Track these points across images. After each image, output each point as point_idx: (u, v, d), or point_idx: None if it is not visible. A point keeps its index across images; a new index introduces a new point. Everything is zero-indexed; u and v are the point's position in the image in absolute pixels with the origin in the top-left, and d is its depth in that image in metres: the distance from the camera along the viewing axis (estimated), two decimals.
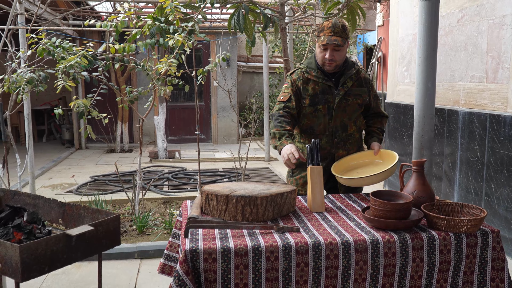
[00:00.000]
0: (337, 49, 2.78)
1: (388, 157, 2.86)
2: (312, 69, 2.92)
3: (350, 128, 2.94)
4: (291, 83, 2.94)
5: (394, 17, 6.01)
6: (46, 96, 11.19)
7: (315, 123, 2.91)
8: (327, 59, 2.81)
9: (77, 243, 1.80)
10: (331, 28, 2.76)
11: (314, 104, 2.88)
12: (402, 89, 5.79)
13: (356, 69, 2.96)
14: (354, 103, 2.91)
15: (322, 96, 2.88)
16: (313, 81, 2.90)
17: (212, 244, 1.93)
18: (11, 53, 4.71)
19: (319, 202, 2.34)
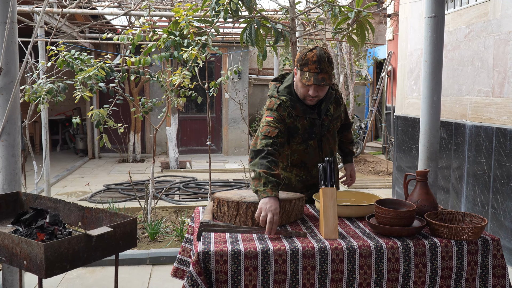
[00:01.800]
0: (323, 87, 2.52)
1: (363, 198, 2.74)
2: (296, 102, 2.62)
3: (334, 151, 2.84)
4: (280, 118, 2.57)
5: (403, 32, 6.12)
6: (60, 106, 11.42)
7: (307, 159, 2.73)
8: (311, 96, 2.53)
9: (96, 243, 1.91)
10: (317, 64, 2.43)
11: (305, 140, 2.68)
12: (410, 103, 5.87)
13: (334, 90, 2.75)
14: (336, 128, 2.79)
15: (310, 130, 2.67)
16: (300, 117, 2.63)
17: (224, 247, 2.03)
18: (31, 65, 4.89)
19: (332, 227, 2.15)
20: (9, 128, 2.82)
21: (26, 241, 1.80)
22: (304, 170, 2.77)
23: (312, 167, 2.76)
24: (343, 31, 4.74)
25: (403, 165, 6.02)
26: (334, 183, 2.27)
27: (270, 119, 2.56)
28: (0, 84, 2.81)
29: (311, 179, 2.78)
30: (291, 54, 4.63)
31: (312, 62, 2.43)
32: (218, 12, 4.15)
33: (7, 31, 2.72)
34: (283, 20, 5.14)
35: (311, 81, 2.43)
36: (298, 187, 2.79)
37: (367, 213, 2.50)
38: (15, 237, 1.84)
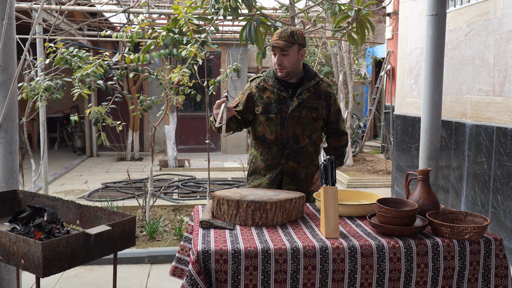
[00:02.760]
0: (284, 54, 2.78)
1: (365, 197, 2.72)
2: (270, 78, 2.92)
3: (302, 140, 2.91)
4: (248, 88, 2.98)
5: (403, 30, 6.10)
6: (58, 104, 11.39)
7: (267, 132, 2.91)
8: (276, 64, 2.83)
9: (95, 242, 1.89)
10: (278, 34, 2.80)
11: (267, 112, 2.89)
12: (410, 102, 5.86)
13: (316, 81, 2.93)
14: (308, 116, 2.88)
15: (276, 105, 2.87)
16: (269, 90, 2.90)
17: (223, 246, 2.01)
18: (29, 62, 4.86)
19: (333, 226, 2.14)
20: (6, 126, 2.79)
21: (24, 240, 1.77)
22: (266, 147, 2.93)
23: (272, 144, 2.91)
24: (343, 29, 4.72)
25: (403, 164, 6.00)
26: (335, 182, 2.25)
27: (241, 91, 3.03)
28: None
29: (272, 159, 2.93)
30: None
31: (276, 34, 2.81)
32: (217, 9, 4.13)
33: (4, 27, 2.68)
34: (282, 18, 5.11)
35: (268, 44, 2.80)
36: (261, 166, 2.98)
37: (368, 212, 2.48)
38: (12, 235, 1.81)
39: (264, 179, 2.99)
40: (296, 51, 2.81)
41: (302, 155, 2.93)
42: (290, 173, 2.95)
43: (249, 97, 2.95)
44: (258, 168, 3.00)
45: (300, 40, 2.82)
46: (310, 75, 2.94)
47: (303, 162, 2.94)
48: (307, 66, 2.99)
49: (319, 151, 3.06)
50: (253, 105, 2.94)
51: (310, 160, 2.97)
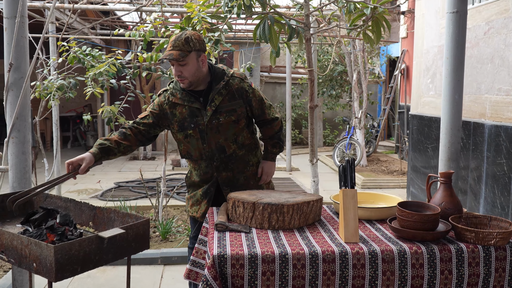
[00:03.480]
0: (182, 64, 2.52)
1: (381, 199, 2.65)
2: (177, 90, 2.68)
3: (228, 148, 2.72)
4: (158, 104, 2.72)
5: (419, 29, 5.99)
6: (71, 103, 11.43)
7: (190, 149, 2.72)
8: (175, 76, 2.59)
9: (108, 245, 1.84)
10: (172, 42, 2.52)
11: (184, 129, 2.67)
12: (426, 101, 5.75)
13: (225, 80, 2.68)
14: (228, 121, 2.67)
15: (191, 119, 2.65)
16: (179, 105, 2.67)
17: (240, 250, 1.95)
18: (41, 61, 4.84)
19: (352, 230, 2.05)
20: (19, 125, 2.76)
21: (36, 243, 1.73)
22: (195, 164, 2.78)
23: (198, 160, 2.74)
24: (358, 28, 4.64)
25: (419, 165, 5.90)
26: (354, 184, 2.18)
27: (151, 105, 2.78)
28: (10, 79, 2.75)
29: (204, 174, 2.77)
30: (306, 51, 4.53)
31: (170, 42, 2.54)
32: (231, 7, 4.07)
33: (17, 25, 2.65)
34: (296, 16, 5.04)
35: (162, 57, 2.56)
36: (196, 181, 2.83)
37: (387, 215, 2.41)
38: (24, 238, 1.77)
39: (198, 190, 2.85)
40: (194, 58, 2.55)
41: (233, 162, 2.76)
42: (227, 183, 2.79)
43: (162, 114, 2.72)
44: (194, 182, 2.85)
45: (198, 46, 2.57)
46: (217, 76, 2.69)
47: (237, 168, 2.78)
48: (212, 68, 2.73)
49: (253, 147, 2.86)
50: (168, 123, 2.73)
51: (244, 163, 2.81)
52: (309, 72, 4.88)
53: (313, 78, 4.87)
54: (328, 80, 9.82)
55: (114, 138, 2.61)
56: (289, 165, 8.58)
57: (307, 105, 12.09)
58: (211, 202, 2.82)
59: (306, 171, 8.59)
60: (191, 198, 2.88)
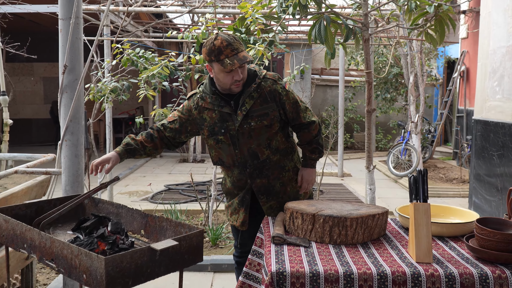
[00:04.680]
0: (243, 65, 2.39)
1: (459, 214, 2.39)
2: (207, 94, 2.53)
3: (261, 154, 2.55)
4: (187, 109, 2.60)
5: (484, 28, 5.62)
6: (124, 105, 11.63)
7: (222, 155, 2.59)
8: (237, 81, 2.41)
9: (160, 258, 1.73)
10: (231, 46, 2.33)
11: (214, 134, 2.54)
12: (492, 106, 5.37)
13: (257, 83, 2.51)
14: (260, 126, 2.50)
15: (221, 124, 2.51)
16: (209, 109, 2.53)
17: (300, 267, 1.79)
18: (96, 63, 4.88)
19: (425, 249, 1.86)
20: (72, 128, 2.72)
21: (86, 254, 1.64)
22: (228, 170, 2.67)
23: (231, 166, 2.61)
24: (420, 27, 4.37)
25: (482, 173, 5.52)
26: (427, 197, 1.97)
27: (180, 107, 2.68)
28: (65, 82, 2.71)
29: (238, 181, 2.65)
30: (364, 52, 4.32)
31: (225, 47, 2.34)
32: (286, 7, 3.93)
33: (72, 26, 2.61)
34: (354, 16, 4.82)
35: (236, 64, 2.33)
36: (231, 188, 2.71)
37: (461, 232, 2.18)
38: (75, 248, 1.68)
39: (235, 199, 2.71)
40: None
41: (268, 168, 2.60)
42: (263, 191, 2.62)
43: (192, 120, 2.60)
44: (229, 190, 2.74)
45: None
46: (249, 78, 2.51)
47: (272, 174, 2.61)
48: None
49: (289, 151, 2.68)
50: (197, 128, 2.62)
51: (279, 168, 2.64)
52: (367, 74, 4.65)
53: (371, 80, 4.64)
54: (382, 83, 9.48)
55: (140, 140, 2.62)
56: (341, 171, 8.33)
57: (358, 109, 11.76)
58: (248, 210, 2.68)
59: (359, 177, 8.30)
60: (229, 207, 2.76)
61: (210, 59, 2.40)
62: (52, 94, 12.45)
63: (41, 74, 12.69)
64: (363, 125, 11.83)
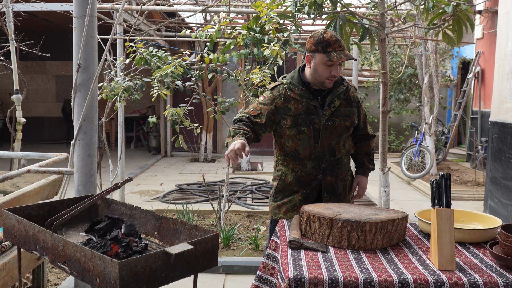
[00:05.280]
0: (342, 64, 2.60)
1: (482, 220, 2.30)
2: (296, 86, 2.60)
3: (338, 152, 2.66)
4: (270, 99, 2.61)
5: (502, 28, 5.51)
6: (135, 104, 11.64)
7: (299, 146, 2.61)
8: (333, 76, 2.52)
9: (175, 262, 1.68)
10: (338, 42, 2.46)
11: (297, 125, 2.58)
12: (510, 107, 5.27)
13: (345, 86, 2.68)
14: (342, 125, 2.63)
15: (305, 116, 2.57)
16: (296, 100, 2.59)
17: (319, 273, 1.73)
18: (109, 62, 4.86)
19: (448, 256, 1.79)
20: (86, 127, 2.69)
21: (100, 257, 1.60)
22: (299, 163, 2.64)
23: (306, 160, 2.63)
24: (437, 27, 4.29)
25: (498, 176, 5.42)
26: (451, 203, 1.90)
27: (260, 99, 2.65)
28: (79, 80, 2.68)
29: (306, 176, 2.65)
30: (380, 52, 4.25)
31: (334, 42, 2.46)
32: (301, 6, 3.87)
33: (86, 24, 2.58)
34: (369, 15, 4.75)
35: (342, 58, 2.45)
36: (293, 183, 2.67)
37: (483, 238, 2.11)
38: (88, 251, 1.64)
39: (296, 195, 2.68)
40: None
41: (338, 168, 2.68)
42: (329, 189, 2.68)
43: (274, 109, 2.60)
44: (290, 185, 2.69)
45: None
46: (338, 80, 2.67)
47: (341, 174, 2.69)
48: None
49: (349, 158, 2.82)
50: (278, 118, 2.62)
51: (346, 171, 2.74)
52: (383, 74, 4.58)
53: (386, 81, 4.56)
54: (396, 83, 9.38)
55: (247, 129, 2.52)
56: None
57: (371, 109, 11.65)
58: None
59: (371, 178, 8.15)
60: (284, 204, 2.71)
61: (315, 49, 2.48)
62: (64, 93, 12.50)
63: (53, 72, 12.75)
64: (375, 126, 11.71)
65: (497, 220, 2.24)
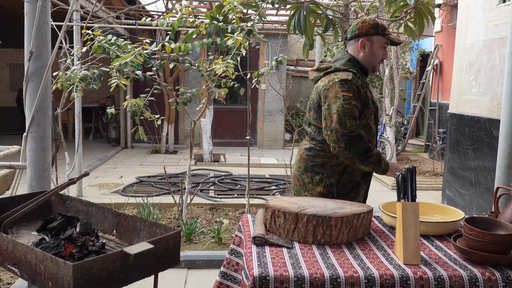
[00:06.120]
0: None
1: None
2: (360, 73, 2.54)
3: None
4: (356, 91, 2.43)
5: (462, 22, 5.62)
6: (94, 94, 11.29)
7: (370, 134, 2.58)
8: (383, 59, 2.61)
9: (134, 262, 1.60)
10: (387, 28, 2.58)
11: (369, 114, 2.55)
12: (468, 100, 5.39)
13: None
14: None
15: (372, 104, 2.63)
16: (366, 86, 2.55)
17: (284, 271, 1.69)
18: (65, 50, 4.65)
19: (413, 251, 1.78)
20: (39, 119, 2.54)
21: (52, 259, 1.49)
22: None
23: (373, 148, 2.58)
24: (400, 19, 4.32)
25: (456, 166, 5.55)
26: (416, 196, 1.89)
27: (349, 95, 2.40)
28: (31, 69, 2.53)
29: None
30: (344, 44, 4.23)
31: (385, 27, 2.55)
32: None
33: (38, 9, 2.43)
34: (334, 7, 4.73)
35: (401, 40, 2.59)
36: (358, 173, 2.59)
37: (446, 231, 2.12)
38: (39, 252, 1.54)
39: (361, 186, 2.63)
40: None
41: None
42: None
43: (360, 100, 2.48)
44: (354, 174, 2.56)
45: None
46: None
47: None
48: None
49: None
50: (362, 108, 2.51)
51: None
52: None
53: None
54: None
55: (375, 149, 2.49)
56: None
57: None
58: None
59: None
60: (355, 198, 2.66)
61: (374, 32, 2.50)
62: (19, 82, 11.98)
63: (7, 60, 12.21)
64: None
65: (459, 212, 2.25)
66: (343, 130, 2.33)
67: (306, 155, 2.58)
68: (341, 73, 2.45)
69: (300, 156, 2.64)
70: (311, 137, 2.58)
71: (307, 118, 2.62)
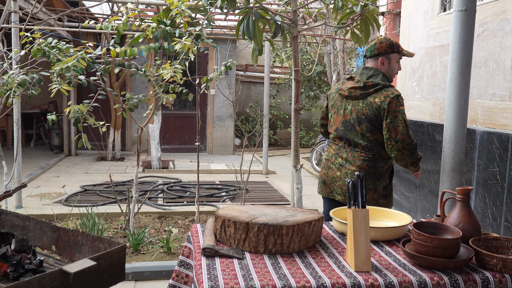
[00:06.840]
0: None
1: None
2: None
3: None
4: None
5: (405, 30, 5.79)
6: (35, 99, 10.81)
7: None
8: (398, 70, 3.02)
9: (75, 281, 1.49)
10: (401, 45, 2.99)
11: None
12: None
13: None
14: None
15: None
16: None
17: (235, 283, 1.63)
18: (2, 53, 4.40)
19: (364, 257, 1.78)
20: None
21: None
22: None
23: None
24: (346, 26, 4.38)
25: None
26: (366, 203, 1.89)
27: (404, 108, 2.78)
28: None
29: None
30: (292, 50, 4.25)
31: (399, 45, 2.97)
32: (213, 0, 3.76)
33: None
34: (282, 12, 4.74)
35: (411, 54, 2.97)
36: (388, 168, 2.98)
37: (395, 236, 2.14)
38: None
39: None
40: None
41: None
42: None
43: None
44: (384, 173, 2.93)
45: None
46: None
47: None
48: None
49: None
50: None
51: None
52: (295, 72, 4.59)
53: (298, 78, 4.59)
54: (306, 80, 9.58)
55: None
56: (266, 168, 8.28)
57: (282, 106, 11.82)
58: None
59: (283, 174, 8.32)
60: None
61: (392, 51, 2.91)
62: None
63: None
64: (286, 122, 11.91)
65: (407, 217, 2.29)
66: (408, 140, 2.71)
67: (367, 165, 2.83)
68: (391, 89, 2.80)
69: (358, 167, 2.83)
70: (367, 148, 2.83)
71: (358, 131, 2.83)
